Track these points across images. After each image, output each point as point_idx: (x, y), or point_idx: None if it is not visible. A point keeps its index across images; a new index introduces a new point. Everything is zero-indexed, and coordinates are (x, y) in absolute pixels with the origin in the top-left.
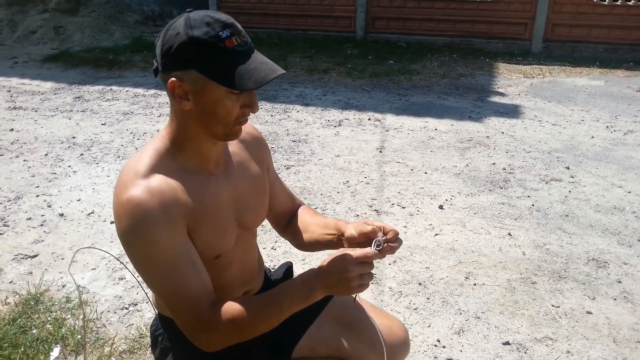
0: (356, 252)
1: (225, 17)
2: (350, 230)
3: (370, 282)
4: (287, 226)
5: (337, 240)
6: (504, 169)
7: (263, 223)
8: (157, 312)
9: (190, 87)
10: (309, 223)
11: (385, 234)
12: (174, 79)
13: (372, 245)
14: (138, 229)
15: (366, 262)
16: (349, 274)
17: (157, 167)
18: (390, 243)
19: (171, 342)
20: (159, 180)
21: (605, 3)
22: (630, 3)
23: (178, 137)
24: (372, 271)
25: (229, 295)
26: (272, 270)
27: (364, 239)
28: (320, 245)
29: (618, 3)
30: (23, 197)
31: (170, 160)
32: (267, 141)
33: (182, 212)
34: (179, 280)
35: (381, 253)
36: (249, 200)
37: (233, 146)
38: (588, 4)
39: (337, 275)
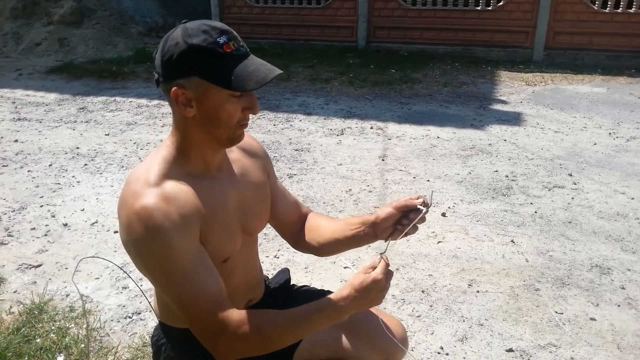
0: (375, 271)
1: (220, 25)
2: (385, 209)
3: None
4: (299, 235)
5: (364, 234)
6: (507, 177)
7: (266, 231)
8: (158, 320)
9: (193, 94)
10: (327, 225)
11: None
12: (176, 87)
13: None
14: (154, 236)
15: (389, 272)
16: (383, 286)
17: (167, 174)
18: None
19: (175, 352)
20: (172, 187)
21: (606, 11)
22: (631, 10)
23: (183, 144)
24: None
25: (233, 303)
26: (269, 277)
27: (402, 211)
28: (343, 243)
29: (619, 11)
30: (27, 208)
31: (178, 167)
32: (269, 150)
33: (196, 216)
34: (198, 284)
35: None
36: (253, 205)
37: (234, 154)
38: (589, 11)
39: (375, 295)
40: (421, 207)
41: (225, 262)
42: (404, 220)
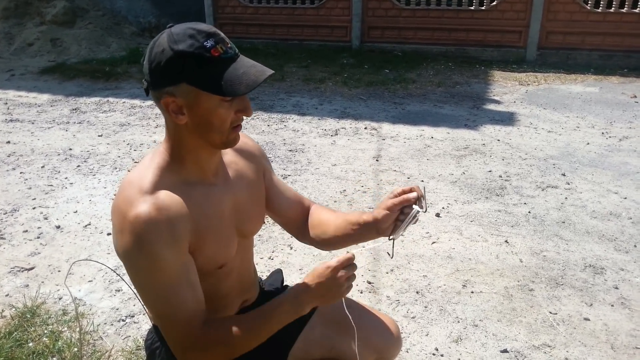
0: (337, 259)
1: (207, 27)
2: (382, 212)
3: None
4: (304, 229)
5: (366, 234)
6: (500, 177)
7: (260, 232)
8: (152, 323)
9: (184, 101)
10: (329, 221)
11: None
12: (166, 95)
13: (409, 216)
14: (143, 246)
15: (350, 265)
16: (339, 280)
17: (161, 182)
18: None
19: (169, 355)
20: (165, 196)
21: (599, 10)
22: (624, 10)
23: (177, 151)
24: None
25: (228, 304)
26: (262, 279)
27: (397, 210)
28: (346, 241)
29: (611, 10)
30: (19, 210)
31: (172, 174)
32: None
33: (188, 228)
34: (177, 300)
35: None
36: (248, 208)
37: (229, 156)
38: (582, 11)
39: (327, 283)
40: (415, 207)
41: (221, 268)
42: (401, 215)
